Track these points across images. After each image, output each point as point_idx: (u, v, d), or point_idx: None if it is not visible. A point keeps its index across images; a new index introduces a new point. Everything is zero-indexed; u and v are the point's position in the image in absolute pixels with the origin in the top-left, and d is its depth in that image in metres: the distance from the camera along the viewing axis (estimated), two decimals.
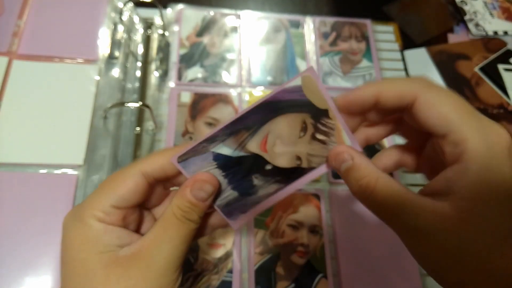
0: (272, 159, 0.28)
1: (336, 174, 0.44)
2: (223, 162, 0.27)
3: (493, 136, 0.21)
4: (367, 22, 0.55)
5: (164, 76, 0.48)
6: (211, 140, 0.27)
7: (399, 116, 0.27)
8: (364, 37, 0.54)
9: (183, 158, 0.26)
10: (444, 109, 0.22)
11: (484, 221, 0.20)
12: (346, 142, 0.27)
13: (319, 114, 0.27)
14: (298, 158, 0.28)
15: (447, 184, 0.21)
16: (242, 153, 0.28)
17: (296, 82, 0.26)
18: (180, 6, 0.53)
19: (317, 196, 0.42)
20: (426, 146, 0.27)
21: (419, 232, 0.21)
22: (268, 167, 0.28)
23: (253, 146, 0.28)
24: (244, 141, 0.27)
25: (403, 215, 0.21)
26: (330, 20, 0.55)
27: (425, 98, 0.22)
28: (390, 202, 0.22)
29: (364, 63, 0.52)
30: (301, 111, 0.27)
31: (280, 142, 0.28)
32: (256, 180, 0.28)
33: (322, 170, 0.27)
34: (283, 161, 0.28)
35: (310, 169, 0.28)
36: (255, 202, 0.28)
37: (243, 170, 0.28)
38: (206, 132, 0.45)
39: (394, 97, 0.24)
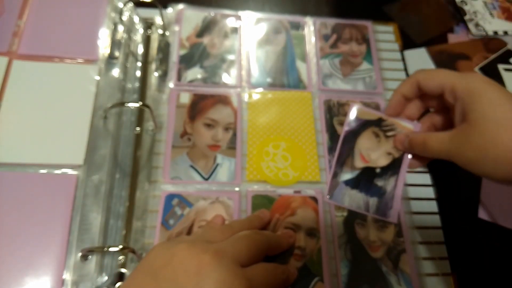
0: (376, 164, 0.43)
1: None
2: (353, 183, 0.42)
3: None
4: (368, 24, 0.55)
5: (164, 76, 0.48)
6: (335, 175, 0.43)
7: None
8: (365, 40, 0.54)
9: (330, 195, 0.42)
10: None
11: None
12: (407, 126, 0.43)
13: (377, 123, 0.45)
14: (389, 153, 0.43)
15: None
16: (357, 171, 0.43)
17: (353, 113, 0.46)
18: (180, 6, 0.53)
19: (315, 199, 0.42)
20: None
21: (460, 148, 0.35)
22: (378, 170, 0.43)
23: (359, 163, 0.43)
24: (353, 164, 0.43)
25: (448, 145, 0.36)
26: (331, 22, 0.55)
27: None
28: (437, 145, 0.37)
29: (365, 65, 0.52)
30: (366, 128, 0.45)
31: (371, 152, 0.44)
32: (379, 182, 0.42)
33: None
34: (382, 160, 0.43)
35: (403, 154, 0.43)
36: (391, 195, 0.42)
37: (366, 181, 0.42)
38: (204, 133, 0.45)
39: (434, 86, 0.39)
